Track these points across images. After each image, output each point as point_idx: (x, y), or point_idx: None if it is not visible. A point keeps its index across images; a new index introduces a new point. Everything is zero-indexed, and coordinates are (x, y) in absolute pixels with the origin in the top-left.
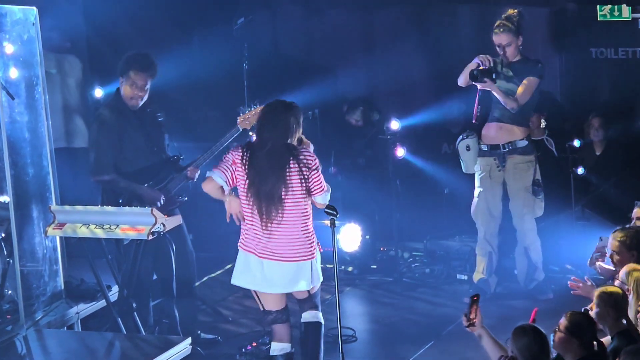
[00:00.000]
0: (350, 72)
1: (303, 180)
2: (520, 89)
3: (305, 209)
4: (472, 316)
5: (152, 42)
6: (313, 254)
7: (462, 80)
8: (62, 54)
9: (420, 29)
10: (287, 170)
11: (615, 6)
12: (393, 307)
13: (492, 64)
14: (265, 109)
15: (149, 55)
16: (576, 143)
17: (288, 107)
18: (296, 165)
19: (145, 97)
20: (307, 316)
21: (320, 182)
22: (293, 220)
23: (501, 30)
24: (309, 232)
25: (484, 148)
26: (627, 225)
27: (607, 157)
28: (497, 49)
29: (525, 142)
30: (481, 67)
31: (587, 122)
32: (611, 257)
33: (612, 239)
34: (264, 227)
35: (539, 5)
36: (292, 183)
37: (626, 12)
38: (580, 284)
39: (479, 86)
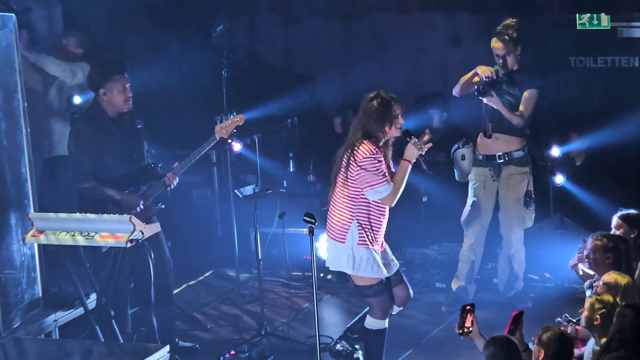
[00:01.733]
0: (329, 80)
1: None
2: (522, 104)
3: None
4: (467, 325)
5: (131, 50)
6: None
7: (458, 90)
8: (77, 62)
9: (398, 38)
10: None
11: (595, 15)
12: None
13: (494, 76)
14: None
15: (116, 56)
16: (555, 152)
17: None
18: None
19: None
20: None
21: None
22: None
23: (501, 39)
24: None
25: (480, 158)
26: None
27: (586, 167)
28: (496, 58)
29: (521, 153)
30: (485, 80)
31: (569, 131)
32: (587, 256)
33: (591, 239)
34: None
35: (518, 14)
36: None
37: (605, 20)
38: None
39: (484, 100)
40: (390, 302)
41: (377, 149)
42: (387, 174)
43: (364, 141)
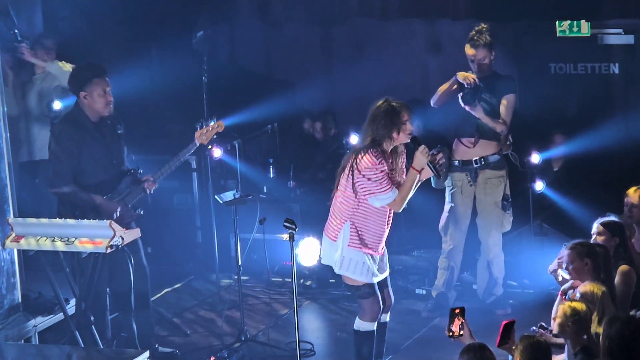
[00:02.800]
0: (309, 85)
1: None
2: (503, 110)
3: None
4: (454, 329)
5: (111, 55)
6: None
7: (436, 100)
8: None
9: (378, 44)
10: None
11: (575, 22)
12: (351, 321)
13: (477, 82)
14: None
15: (95, 61)
16: (535, 158)
17: None
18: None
19: None
20: None
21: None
22: None
23: (475, 44)
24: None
25: (456, 163)
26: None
27: (566, 173)
28: (471, 64)
29: (497, 157)
30: (468, 88)
31: (549, 137)
32: (567, 268)
33: (566, 250)
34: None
35: (498, 20)
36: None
37: (585, 27)
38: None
39: (466, 108)
40: (380, 306)
41: (381, 159)
42: (390, 181)
43: (369, 151)
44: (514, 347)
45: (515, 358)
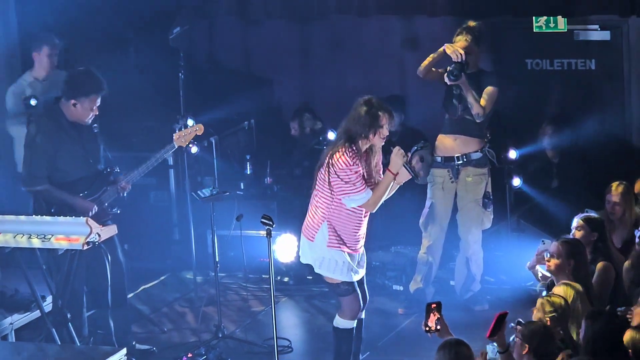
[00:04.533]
0: (287, 82)
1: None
2: (483, 99)
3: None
4: (430, 324)
5: (87, 51)
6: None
7: (423, 71)
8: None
9: (356, 40)
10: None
11: (551, 17)
12: (329, 317)
13: (464, 57)
14: None
15: (94, 72)
16: (512, 154)
17: None
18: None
19: None
20: None
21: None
22: None
23: (467, 37)
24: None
25: (438, 160)
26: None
27: (543, 169)
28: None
29: (479, 155)
30: (457, 61)
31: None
32: (549, 259)
33: (556, 243)
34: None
35: (475, 16)
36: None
37: (562, 23)
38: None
39: (448, 82)
40: (360, 303)
41: (355, 160)
42: (365, 181)
43: (344, 149)
44: (510, 341)
45: (517, 342)
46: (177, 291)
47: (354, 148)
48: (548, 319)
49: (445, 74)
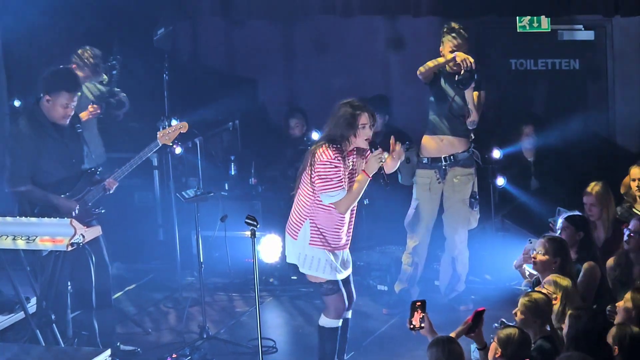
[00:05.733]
0: (271, 83)
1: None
2: (477, 102)
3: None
4: (415, 322)
5: (70, 52)
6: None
7: (424, 75)
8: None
9: (340, 40)
10: None
11: (535, 17)
12: (313, 318)
13: (474, 66)
14: None
15: (73, 71)
16: (496, 154)
17: None
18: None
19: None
20: None
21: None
22: None
23: (458, 37)
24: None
25: (424, 160)
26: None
27: (528, 168)
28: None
29: (466, 155)
30: (466, 70)
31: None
32: (535, 256)
33: (542, 241)
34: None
35: (458, 16)
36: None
37: (545, 23)
38: None
39: (458, 89)
40: (344, 303)
41: (337, 155)
42: (344, 180)
43: (325, 146)
44: (492, 336)
45: (492, 345)
46: (162, 292)
47: (337, 147)
48: (529, 313)
49: (457, 80)
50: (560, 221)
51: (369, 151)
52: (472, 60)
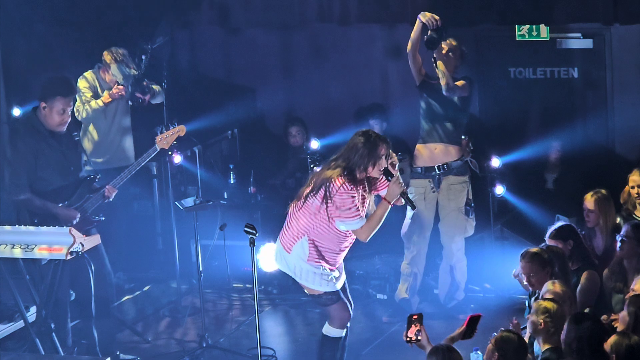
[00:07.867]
0: (270, 91)
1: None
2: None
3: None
4: (411, 335)
5: (69, 61)
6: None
7: (410, 48)
8: None
9: (338, 49)
10: None
11: (534, 26)
12: (312, 326)
13: (439, 23)
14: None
15: (69, 78)
16: (495, 163)
17: None
18: None
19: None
20: None
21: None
22: None
23: (458, 51)
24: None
25: (418, 170)
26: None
27: (526, 177)
28: (444, 58)
29: (459, 163)
30: (431, 30)
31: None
32: (528, 280)
33: (522, 262)
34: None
35: (457, 25)
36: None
37: (544, 32)
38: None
39: (427, 49)
40: (348, 311)
41: (353, 186)
42: (360, 209)
43: (342, 177)
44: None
45: (488, 348)
46: (161, 301)
47: (352, 177)
48: (542, 321)
49: (425, 40)
50: (548, 234)
51: (380, 179)
52: (437, 18)
